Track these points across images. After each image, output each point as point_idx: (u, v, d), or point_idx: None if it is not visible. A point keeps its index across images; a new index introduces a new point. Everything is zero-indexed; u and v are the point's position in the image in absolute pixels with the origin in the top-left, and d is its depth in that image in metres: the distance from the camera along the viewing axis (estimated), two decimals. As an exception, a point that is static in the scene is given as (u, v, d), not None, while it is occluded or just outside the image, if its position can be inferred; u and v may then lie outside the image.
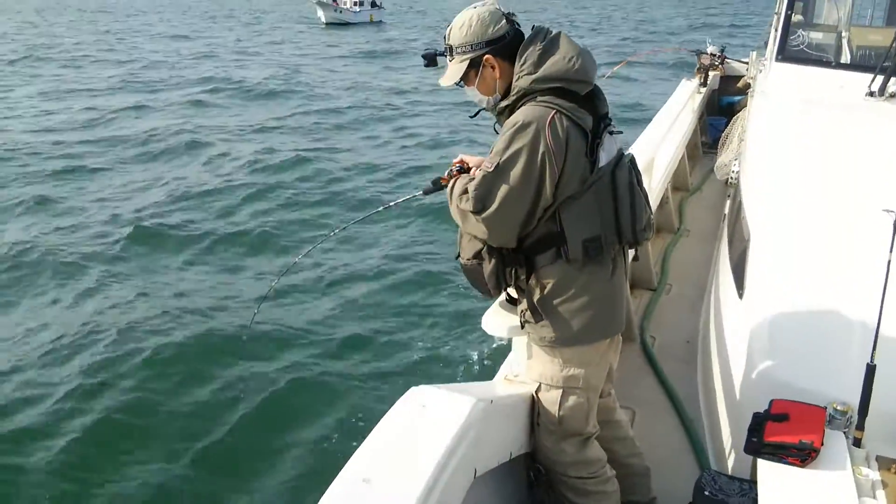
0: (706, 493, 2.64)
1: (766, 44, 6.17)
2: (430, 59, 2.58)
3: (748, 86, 7.70)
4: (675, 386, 3.94)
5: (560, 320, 2.48)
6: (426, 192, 2.74)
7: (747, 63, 8.56)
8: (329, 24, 55.59)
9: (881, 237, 2.56)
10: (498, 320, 2.76)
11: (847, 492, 2.21)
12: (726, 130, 7.24)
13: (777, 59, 4.84)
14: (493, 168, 2.33)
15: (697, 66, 8.86)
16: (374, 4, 61.22)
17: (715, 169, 7.06)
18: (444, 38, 2.51)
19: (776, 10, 5.60)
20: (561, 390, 2.60)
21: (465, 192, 2.40)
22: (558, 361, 2.58)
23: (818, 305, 2.95)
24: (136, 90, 23.32)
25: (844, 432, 2.44)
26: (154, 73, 26.86)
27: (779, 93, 4.69)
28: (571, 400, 2.60)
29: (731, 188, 5.91)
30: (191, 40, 39.20)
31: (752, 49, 8.52)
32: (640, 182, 2.52)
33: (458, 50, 2.45)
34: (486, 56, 2.43)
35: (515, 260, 2.48)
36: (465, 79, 2.49)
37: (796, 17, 5.31)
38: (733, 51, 9.71)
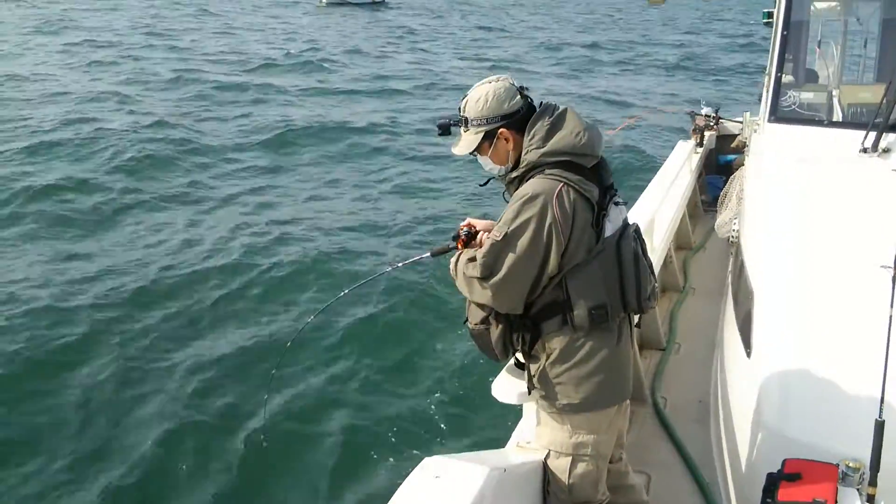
0: (724, 556, 2.62)
1: (759, 100, 6.31)
2: (444, 129, 2.67)
3: (744, 145, 7.83)
4: (690, 448, 3.91)
5: (567, 387, 2.51)
6: (434, 255, 2.81)
7: (741, 122, 8.72)
8: (329, 4, 54.56)
9: (881, 293, 2.60)
10: (508, 386, 2.79)
11: None
12: (725, 189, 7.33)
13: (769, 120, 4.94)
14: (501, 237, 2.41)
15: (693, 126, 9.00)
16: (378, -15, 59.56)
17: (716, 227, 7.11)
18: (459, 109, 2.61)
19: (766, 72, 5.74)
20: (570, 458, 2.61)
21: (473, 259, 2.47)
22: (567, 428, 2.59)
23: (825, 362, 2.96)
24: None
25: (857, 489, 2.43)
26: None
27: (773, 152, 4.77)
28: (581, 467, 2.61)
29: (732, 246, 5.96)
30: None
31: (746, 107, 8.69)
32: (644, 252, 2.59)
33: (474, 122, 2.56)
34: (501, 129, 2.54)
35: (522, 325, 2.53)
36: (479, 149, 2.59)
37: (786, 78, 5.44)
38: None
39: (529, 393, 2.63)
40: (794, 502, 2.35)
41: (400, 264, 3.20)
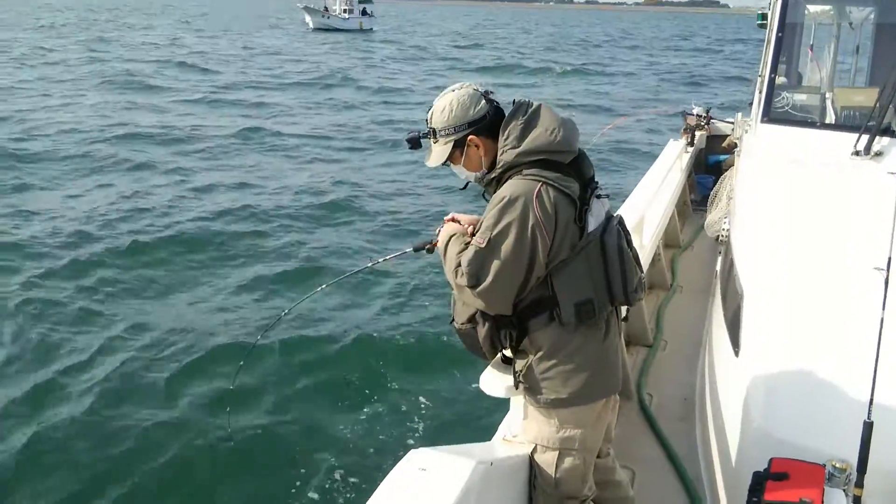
0: (708, 554, 2.62)
1: (750, 104, 6.31)
2: (414, 143, 2.63)
3: (734, 145, 7.84)
4: (675, 445, 3.92)
5: (555, 382, 2.49)
6: (416, 250, 2.79)
7: (732, 123, 8.74)
8: (316, 29, 58.95)
9: (873, 294, 2.59)
10: (495, 380, 2.77)
11: None
12: (715, 188, 7.35)
13: (762, 121, 4.94)
14: (484, 244, 2.38)
15: (684, 126, 9.02)
16: (364, 12, 63.62)
17: (706, 226, 7.14)
18: (426, 121, 2.58)
19: (759, 73, 5.74)
20: (557, 452, 2.59)
21: (459, 265, 2.44)
22: (554, 422, 2.57)
23: (814, 362, 2.96)
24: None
25: (844, 490, 2.43)
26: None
27: (765, 153, 4.77)
28: (568, 462, 2.59)
29: (721, 245, 5.97)
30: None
31: (738, 109, 8.73)
32: (629, 243, 2.57)
33: (442, 133, 2.53)
34: (471, 137, 2.51)
35: (509, 323, 2.51)
36: (451, 158, 2.56)
37: (780, 80, 5.43)
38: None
39: (517, 387, 2.61)
40: (781, 502, 2.34)
41: (381, 259, 3.17)
